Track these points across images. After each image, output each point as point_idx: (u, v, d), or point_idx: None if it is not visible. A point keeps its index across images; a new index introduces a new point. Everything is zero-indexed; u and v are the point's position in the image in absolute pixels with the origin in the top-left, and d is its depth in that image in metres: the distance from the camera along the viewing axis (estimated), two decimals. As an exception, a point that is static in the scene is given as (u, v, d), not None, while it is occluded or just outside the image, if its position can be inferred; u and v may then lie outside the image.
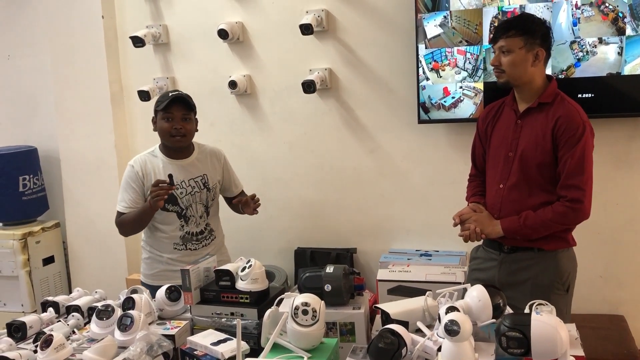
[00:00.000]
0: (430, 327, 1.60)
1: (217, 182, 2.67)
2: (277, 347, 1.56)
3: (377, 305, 1.73)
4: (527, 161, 2.15)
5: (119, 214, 2.57)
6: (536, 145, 2.13)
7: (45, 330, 1.86)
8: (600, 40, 2.83)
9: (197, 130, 2.62)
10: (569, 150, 2.07)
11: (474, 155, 2.45)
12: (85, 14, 3.65)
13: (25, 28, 3.96)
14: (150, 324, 1.85)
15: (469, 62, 3.05)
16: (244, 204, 2.58)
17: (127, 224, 2.54)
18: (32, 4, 3.90)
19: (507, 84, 2.20)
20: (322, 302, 1.61)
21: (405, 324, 1.58)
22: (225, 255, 2.76)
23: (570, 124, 2.08)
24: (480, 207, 2.29)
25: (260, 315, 1.74)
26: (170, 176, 2.41)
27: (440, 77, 3.11)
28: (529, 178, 2.16)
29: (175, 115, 2.49)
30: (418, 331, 1.59)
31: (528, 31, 2.12)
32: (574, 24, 2.86)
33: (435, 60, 3.11)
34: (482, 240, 2.33)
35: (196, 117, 2.60)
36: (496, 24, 2.94)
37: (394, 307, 1.68)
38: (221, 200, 2.79)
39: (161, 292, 1.97)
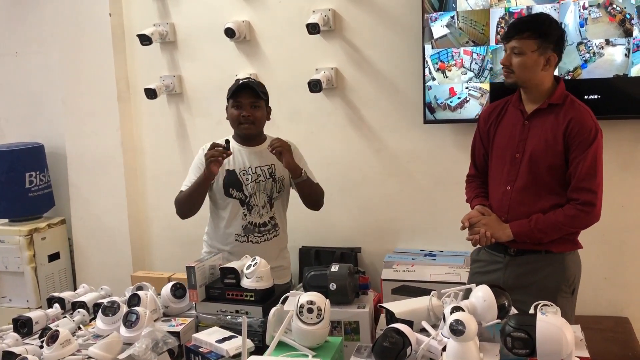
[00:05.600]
0: (435, 326, 1.60)
1: (284, 175, 2.55)
2: (282, 345, 1.57)
3: (381, 304, 1.73)
4: (536, 163, 2.13)
5: (181, 193, 2.50)
6: (546, 147, 2.11)
7: (51, 326, 1.87)
8: (608, 42, 2.82)
9: (268, 119, 2.57)
10: (581, 153, 2.05)
11: (473, 155, 2.40)
12: (92, 12, 3.67)
13: (33, 25, 3.97)
14: (155, 320, 1.86)
15: (476, 63, 3.05)
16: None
17: (184, 200, 2.47)
18: (40, 1, 3.92)
19: (514, 85, 2.16)
20: (327, 300, 1.62)
21: (410, 323, 1.58)
22: (286, 261, 2.63)
23: (582, 126, 2.06)
24: (487, 210, 2.24)
25: (265, 313, 1.75)
26: (227, 141, 2.35)
27: (447, 77, 3.11)
28: (538, 180, 2.13)
29: (244, 102, 2.46)
30: (423, 331, 1.59)
31: (543, 34, 2.07)
32: (581, 25, 2.85)
33: (441, 61, 3.11)
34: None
35: (269, 105, 2.56)
36: (503, 25, 2.93)
37: (399, 306, 1.68)
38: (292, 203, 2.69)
39: (166, 289, 1.98)
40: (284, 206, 2.63)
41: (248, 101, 2.46)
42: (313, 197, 2.57)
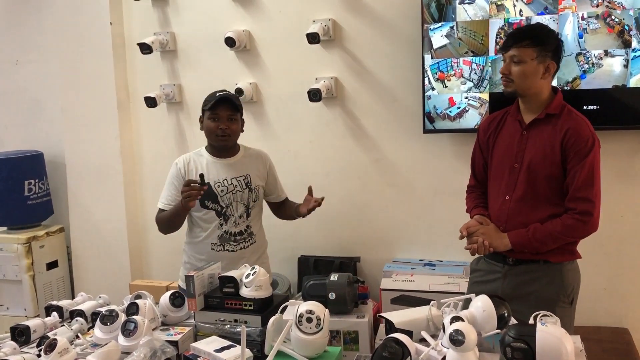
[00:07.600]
0: (434, 337, 1.59)
1: (259, 185, 2.65)
2: (280, 355, 1.56)
3: (381, 314, 1.73)
4: (534, 173, 2.13)
5: (160, 210, 2.59)
6: (544, 156, 2.12)
7: (49, 334, 1.86)
8: (606, 53, 2.84)
9: (242, 131, 2.65)
10: (578, 163, 2.06)
11: (473, 166, 2.42)
12: (93, 20, 3.68)
13: (34, 33, 3.99)
14: (153, 329, 1.85)
15: (475, 73, 3.06)
16: (305, 201, 2.62)
17: (163, 222, 2.57)
18: (40, 9, 3.93)
19: (514, 94, 2.17)
20: (327, 310, 1.62)
21: (409, 333, 1.58)
22: (265, 266, 2.67)
23: (579, 136, 2.07)
24: (486, 219, 2.25)
25: (264, 323, 1.74)
26: (201, 176, 2.40)
27: (446, 87, 3.12)
28: (536, 190, 2.14)
29: (221, 115, 2.52)
30: (422, 341, 1.59)
31: (542, 43, 2.09)
32: (580, 36, 2.87)
33: (441, 71, 3.12)
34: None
35: (242, 117, 2.64)
36: (502, 35, 2.95)
37: (398, 316, 1.67)
38: (266, 208, 2.80)
39: (165, 298, 1.97)
40: (259, 214, 2.72)
41: (226, 114, 2.53)
42: (290, 219, 2.78)
